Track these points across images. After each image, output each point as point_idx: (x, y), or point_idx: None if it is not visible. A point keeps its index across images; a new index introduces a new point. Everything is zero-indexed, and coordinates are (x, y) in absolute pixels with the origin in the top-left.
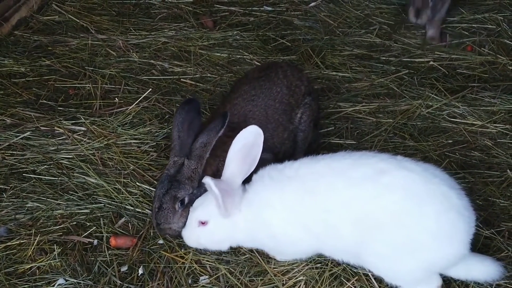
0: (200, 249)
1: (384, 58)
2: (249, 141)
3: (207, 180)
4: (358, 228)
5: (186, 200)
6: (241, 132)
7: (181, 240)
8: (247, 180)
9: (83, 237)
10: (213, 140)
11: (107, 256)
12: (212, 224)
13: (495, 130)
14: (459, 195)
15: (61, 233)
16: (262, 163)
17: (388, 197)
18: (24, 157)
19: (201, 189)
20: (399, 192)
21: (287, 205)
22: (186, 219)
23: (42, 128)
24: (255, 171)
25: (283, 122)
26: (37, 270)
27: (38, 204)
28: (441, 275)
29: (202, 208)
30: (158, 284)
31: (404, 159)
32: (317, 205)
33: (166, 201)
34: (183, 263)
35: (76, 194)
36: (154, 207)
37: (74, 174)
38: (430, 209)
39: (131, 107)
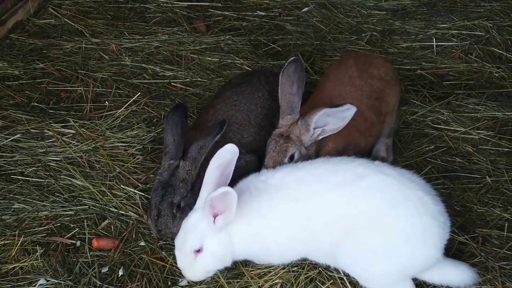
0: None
1: None
2: (225, 159)
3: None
4: (337, 230)
5: (182, 204)
6: (219, 151)
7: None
8: None
9: (66, 238)
10: (209, 144)
11: (89, 257)
12: (207, 245)
13: (477, 137)
14: (434, 201)
15: (45, 234)
16: (248, 165)
17: (365, 200)
18: (13, 159)
19: (195, 194)
20: (376, 196)
21: (277, 214)
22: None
23: (32, 130)
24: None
25: (265, 126)
26: (20, 270)
27: (24, 206)
28: (414, 280)
29: (190, 237)
30: (137, 285)
31: (382, 164)
32: (303, 212)
33: (163, 208)
34: (163, 265)
35: (62, 196)
36: (153, 215)
37: (61, 176)
38: (405, 213)
39: (120, 110)
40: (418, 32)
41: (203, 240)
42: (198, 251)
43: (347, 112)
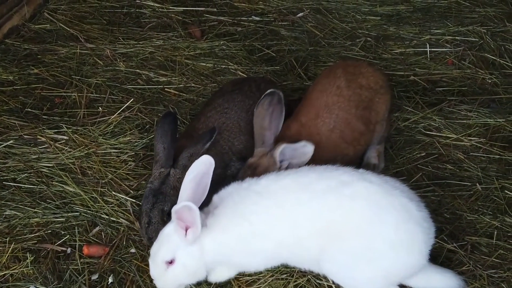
0: None
1: None
2: (200, 170)
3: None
4: (322, 237)
5: None
6: (195, 162)
7: None
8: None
9: (56, 245)
10: (199, 152)
11: (79, 265)
12: (179, 258)
13: (469, 144)
14: (418, 207)
15: (35, 241)
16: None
17: (350, 207)
18: (6, 165)
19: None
20: (360, 202)
21: (262, 220)
22: None
23: (25, 136)
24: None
25: None
26: (10, 278)
27: (15, 212)
28: (401, 286)
29: (163, 248)
30: None
31: (366, 172)
32: (288, 219)
33: (154, 216)
34: None
35: (54, 202)
36: (144, 222)
37: (53, 182)
38: (389, 219)
39: (113, 116)
40: (412, 38)
41: (175, 252)
42: (171, 262)
43: (304, 148)
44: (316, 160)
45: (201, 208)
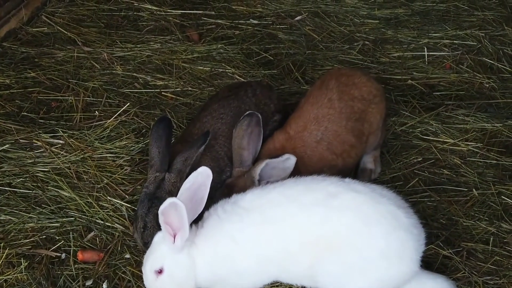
0: None
1: None
2: (197, 181)
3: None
4: (313, 251)
5: None
6: (192, 174)
7: None
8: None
9: (51, 250)
10: (193, 155)
11: (73, 270)
12: (167, 266)
13: (465, 149)
14: (407, 214)
15: (30, 247)
16: None
17: (338, 219)
18: (1, 170)
19: None
20: (349, 214)
21: (248, 237)
22: None
23: (21, 140)
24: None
25: None
26: (4, 283)
27: (10, 217)
28: None
29: (151, 257)
30: None
31: (352, 181)
32: (276, 234)
33: (150, 220)
34: None
35: (49, 207)
36: (139, 227)
37: (48, 187)
38: (379, 229)
39: (109, 120)
40: (411, 42)
41: (164, 261)
42: (160, 272)
43: (287, 162)
44: (302, 171)
45: (194, 222)
